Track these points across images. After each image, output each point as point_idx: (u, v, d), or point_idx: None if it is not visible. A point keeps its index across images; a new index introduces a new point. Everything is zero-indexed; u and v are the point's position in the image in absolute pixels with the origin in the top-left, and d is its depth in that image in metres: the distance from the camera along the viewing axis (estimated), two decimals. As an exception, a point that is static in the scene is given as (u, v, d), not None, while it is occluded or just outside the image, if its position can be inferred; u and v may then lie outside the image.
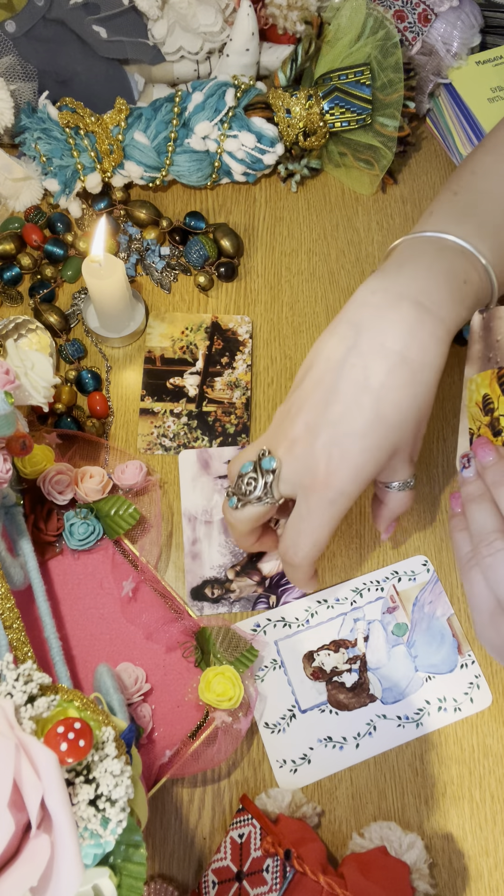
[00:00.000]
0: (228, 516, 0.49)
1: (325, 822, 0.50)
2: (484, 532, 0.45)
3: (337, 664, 0.53)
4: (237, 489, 0.47)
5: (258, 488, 0.45)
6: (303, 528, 0.45)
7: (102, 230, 0.56)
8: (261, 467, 0.46)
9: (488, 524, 0.45)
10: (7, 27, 0.66)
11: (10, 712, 0.32)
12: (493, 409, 0.48)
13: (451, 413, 0.62)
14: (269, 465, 0.45)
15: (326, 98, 0.65)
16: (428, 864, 0.47)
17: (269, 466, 0.45)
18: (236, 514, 0.47)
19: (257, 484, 0.46)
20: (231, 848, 0.47)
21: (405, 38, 0.68)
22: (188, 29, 0.66)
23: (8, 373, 0.46)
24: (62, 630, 0.53)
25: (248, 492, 0.46)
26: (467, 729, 0.52)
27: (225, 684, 0.49)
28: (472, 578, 0.45)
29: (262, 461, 0.45)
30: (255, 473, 0.46)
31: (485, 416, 0.48)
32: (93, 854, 0.31)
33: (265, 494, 0.46)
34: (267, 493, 0.46)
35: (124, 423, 0.61)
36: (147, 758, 0.49)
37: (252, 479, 0.46)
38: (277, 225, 0.69)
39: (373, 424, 0.43)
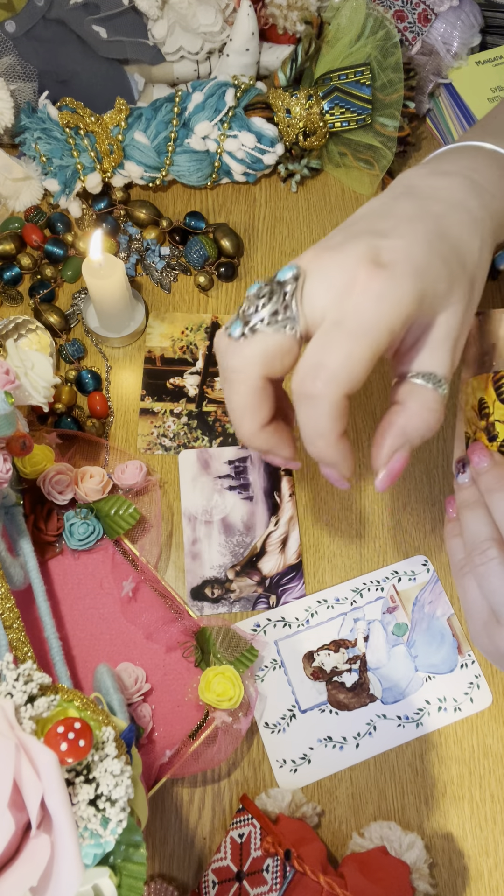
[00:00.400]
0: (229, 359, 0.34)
1: (325, 822, 0.50)
2: (477, 540, 0.44)
3: (337, 664, 0.53)
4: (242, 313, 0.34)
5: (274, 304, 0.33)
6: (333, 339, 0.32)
7: (98, 241, 0.56)
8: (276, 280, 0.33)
9: (482, 532, 0.44)
10: (7, 27, 0.66)
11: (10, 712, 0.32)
12: (488, 413, 0.48)
13: (451, 412, 0.62)
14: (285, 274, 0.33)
15: (326, 98, 0.65)
16: (428, 864, 0.47)
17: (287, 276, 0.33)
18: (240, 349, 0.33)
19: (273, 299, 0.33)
20: (231, 848, 0.47)
21: (405, 38, 0.68)
22: (188, 29, 0.66)
23: (8, 373, 0.46)
24: (62, 630, 0.53)
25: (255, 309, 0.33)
26: (467, 729, 0.52)
27: (225, 684, 0.49)
28: (465, 586, 0.45)
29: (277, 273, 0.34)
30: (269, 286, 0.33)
31: (480, 420, 0.48)
32: (93, 854, 0.31)
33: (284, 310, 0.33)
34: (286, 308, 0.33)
35: (124, 423, 0.61)
36: (147, 758, 0.49)
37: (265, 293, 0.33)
38: (277, 225, 0.69)
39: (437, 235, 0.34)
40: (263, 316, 0.33)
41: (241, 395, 0.34)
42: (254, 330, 0.33)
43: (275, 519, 0.58)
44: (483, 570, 0.43)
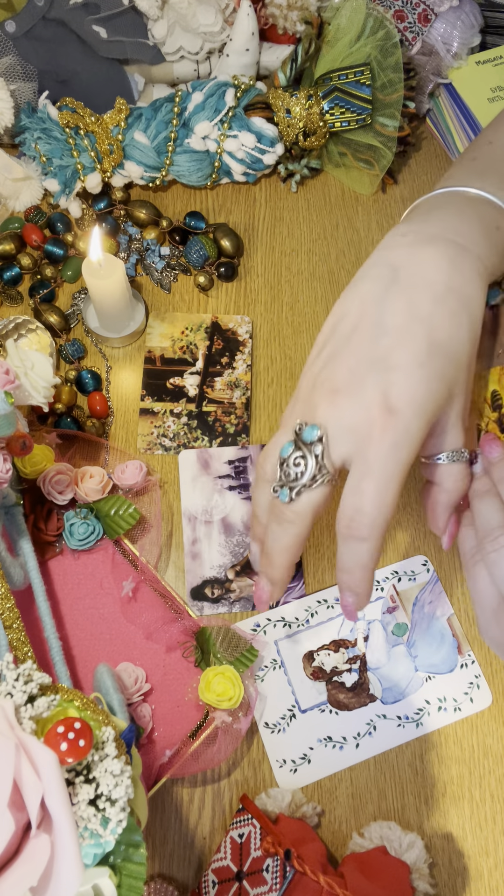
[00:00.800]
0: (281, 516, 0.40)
1: (325, 822, 0.50)
2: (489, 528, 0.45)
3: (337, 664, 0.53)
4: (285, 477, 0.39)
5: (310, 467, 0.38)
6: (365, 488, 0.37)
7: (97, 239, 0.56)
8: (303, 441, 0.38)
9: (494, 520, 0.45)
10: (7, 27, 0.66)
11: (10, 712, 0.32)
12: (501, 405, 0.48)
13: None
14: (311, 435, 0.38)
15: (326, 98, 0.65)
16: (428, 864, 0.47)
17: (313, 436, 0.38)
18: (293, 508, 0.39)
19: (307, 462, 0.38)
20: (231, 848, 0.47)
21: (405, 38, 0.68)
22: (188, 29, 0.66)
23: (8, 373, 0.46)
24: (62, 630, 0.53)
25: (298, 475, 0.38)
26: (467, 729, 0.52)
27: (225, 684, 0.49)
28: (475, 574, 0.45)
29: (302, 434, 0.38)
30: (301, 450, 0.38)
31: (493, 412, 0.48)
32: (93, 854, 0.31)
33: (320, 471, 0.38)
34: (322, 469, 0.38)
35: (124, 423, 0.61)
36: (147, 758, 0.49)
37: (299, 459, 0.38)
38: (277, 225, 0.69)
39: (429, 352, 0.38)
40: (305, 482, 0.38)
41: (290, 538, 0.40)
42: (299, 493, 0.39)
43: (275, 519, 0.58)
44: (495, 558, 0.44)
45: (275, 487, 0.40)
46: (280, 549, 0.41)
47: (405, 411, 0.37)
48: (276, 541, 0.41)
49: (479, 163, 0.49)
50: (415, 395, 0.37)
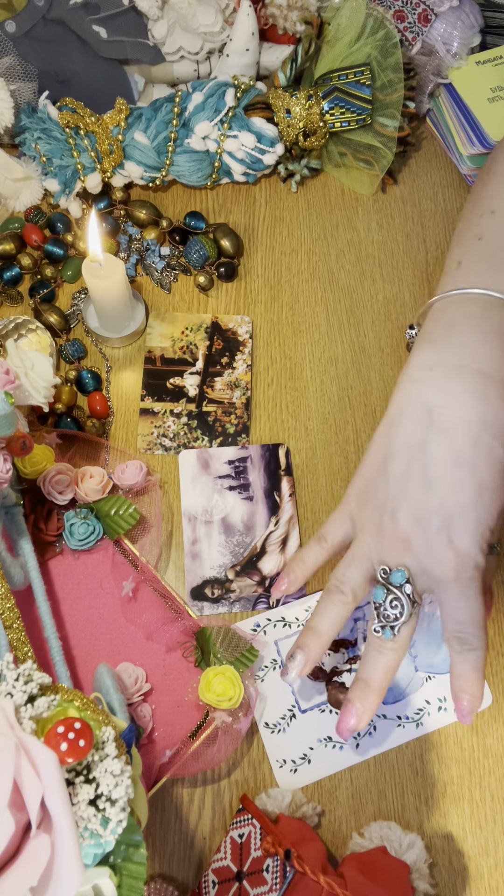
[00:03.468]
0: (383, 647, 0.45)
1: (325, 822, 0.50)
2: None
3: (337, 664, 0.53)
4: (385, 619, 0.44)
5: (405, 605, 0.43)
6: (462, 618, 0.43)
7: (95, 226, 0.56)
8: (393, 585, 0.44)
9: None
10: (7, 27, 0.66)
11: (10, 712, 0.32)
12: None
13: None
14: (400, 579, 0.43)
15: (326, 98, 0.65)
16: (428, 864, 0.47)
17: (402, 580, 0.43)
18: (398, 641, 0.44)
19: (402, 602, 0.43)
20: (231, 848, 0.47)
21: (405, 38, 0.68)
22: (188, 29, 0.66)
23: (8, 373, 0.46)
24: (62, 630, 0.53)
25: (398, 616, 0.44)
26: (467, 729, 0.52)
27: (225, 684, 0.49)
28: None
29: (391, 578, 0.44)
30: (394, 593, 0.44)
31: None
32: (93, 854, 0.31)
33: (413, 607, 0.44)
34: (414, 605, 0.44)
35: (124, 423, 0.61)
36: (147, 758, 0.49)
37: (395, 601, 0.44)
38: (277, 225, 0.69)
39: (478, 494, 0.42)
40: (403, 620, 0.44)
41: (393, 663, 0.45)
42: (399, 631, 0.44)
43: (275, 519, 0.58)
44: None
45: (376, 629, 0.45)
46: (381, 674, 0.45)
47: (470, 551, 0.42)
48: (376, 668, 0.45)
49: (486, 244, 0.49)
50: (474, 534, 0.42)
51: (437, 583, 0.43)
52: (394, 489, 0.44)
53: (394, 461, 0.45)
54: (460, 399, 0.43)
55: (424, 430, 0.44)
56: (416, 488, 0.43)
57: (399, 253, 0.68)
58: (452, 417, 0.43)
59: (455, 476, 0.43)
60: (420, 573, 0.43)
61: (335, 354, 0.64)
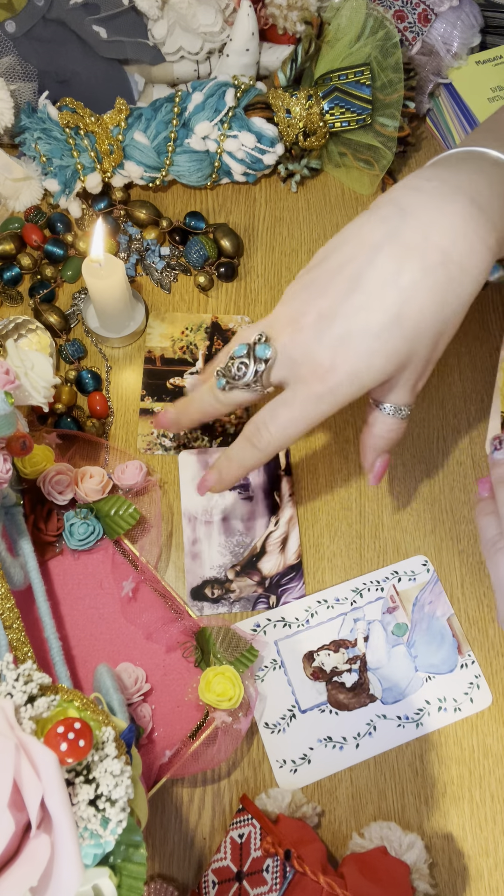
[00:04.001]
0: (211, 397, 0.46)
1: (325, 822, 0.50)
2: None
3: (337, 664, 0.53)
4: (227, 371, 0.44)
5: (248, 374, 0.43)
6: (279, 414, 0.43)
7: (101, 232, 0.56)
8: (254, 354, 0.43)
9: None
10: (7, 27, 0.66)
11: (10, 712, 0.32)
12: None
13: (451, 413, 0.62)
14: (262, 353, 0.43)
15: (326, 98, 0.65)
16: (428, 864, 0.47)
17: (263, 355, 0.43)
18: (221, 396, 0.45)
19: (247, 370, 0.43)
20: (231, 848, 0.47)
21: (405, 38, 0.68)
22: (188, 29, 0.66)
23: (8, 373, 0.46)
24: (62, 630, 0.53)
25: (237, 376, 0.44)
26: (467, 729, 0.52)
27: (225, 684, 0.49)
28: (497, 561, 0.45)
29: (256, 347, 0.43)
30: (248, 359, 0.43)
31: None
32: (93, 854, 0.31)
33: (254, 382, 0.43)
34: (257, 381, 0.43)
35: (124, 423, 0.61)
36: (147, 758, 0.49)
37: (243, 364, 0.43)
38: (277, 225, 0.69)
39: (389, 325, 0.40)
40: (239, 385, 0.44)
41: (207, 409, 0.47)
42: (233, 388, 0.45)
43: (275, 519, 0.58)
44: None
45: (217, 372, 0.45)
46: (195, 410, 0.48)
47: (341, 375, 0.41)
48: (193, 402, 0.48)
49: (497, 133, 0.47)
50: (356, 365, 0.40)
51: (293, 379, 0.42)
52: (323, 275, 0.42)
53: (342, 249, 0.42)
54: (441, 220, 0.40)
55: (385, 235, 0.40)
56: (340, 286, 0.41)
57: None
58: (419, 235, 0.40)
59: (380, 294, 0.40)
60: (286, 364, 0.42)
61: (335, 354, 0.64)
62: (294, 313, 0.42)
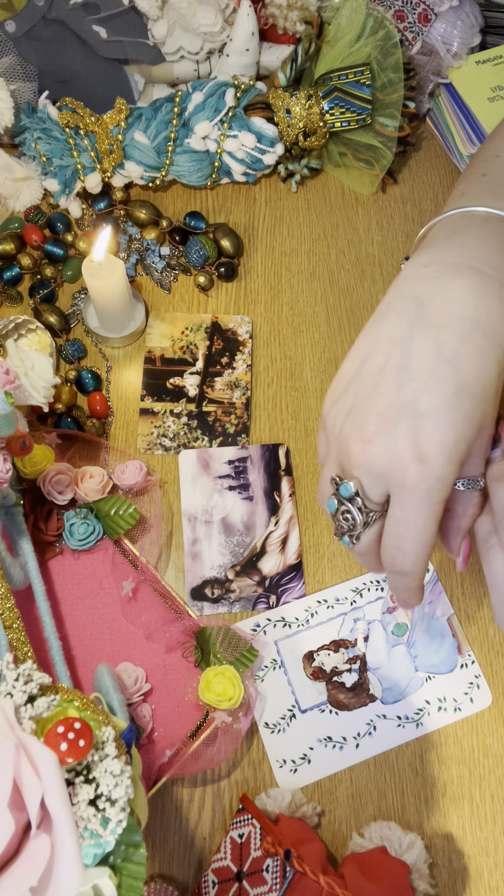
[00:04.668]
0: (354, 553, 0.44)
1: (325, 822, 0.50)
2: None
3: (337, 664, 0.53)
4: (340, 529, 0.42)
5: (357, 517, 0.41)
6: (405, 533, 0.40)
7: (106, 239, 0.56)
8: (343, 497, 0.41)
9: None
10: (7, 27, 0.66)
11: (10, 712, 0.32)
12: None
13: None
14: (347, 492, 0.40)
15: (326, 98, 0.65)
16: (428, 864, 0.47)
17: (348, 493, 0.40)
18: (358, 548, 0.43)
19: (353, 514, 0.41)
20: (231, 848, 0.47)
21: (405, 38, 0.68)
22: (188, 29, 0.66)
23: (8, 373, 0.46)
24: (62, 630, 0.53)
25: (351, 527, 0.41)
26: (467, 729, 0.52)
27: (225, 684, 0.49)
28: (491, 559, 0.45)
29: (340, 490, 0.41)
30: (344, 505, 0.41)
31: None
32: (93, 854, 0.31)
33: (367, 517, 0.41)
34: (368, 515, 0.41)
35: (124, 423, 0.61)
36: (147, 758, 0.49)
37: (346, 514, 0.41)
38: (277, 225, 0.69)
39: (458, 395, 0.38)
40: (358, 531, 0.41)
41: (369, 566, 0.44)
42: (358, 538, 0.42)
43: (275, 519, 0.58)
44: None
45: (337, 536, 0.43)
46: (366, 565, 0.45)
47: (436, 458, 0.38)
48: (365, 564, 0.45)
49: (490, 179, 0.48)
50: (445, 440, 0.38)
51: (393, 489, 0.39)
52: (365, 387, 0.40)
53: (371, 358, 0.40)
54: (454, 295, 0.39)
55: (410, 325, 0.39)
56: (389, 384, 0.39)
57: (399, 253, 0.68)
58: (443, 312, 0.39)
59: (435, 371, 0.38)
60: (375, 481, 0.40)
61: (335, 354, 0.64)
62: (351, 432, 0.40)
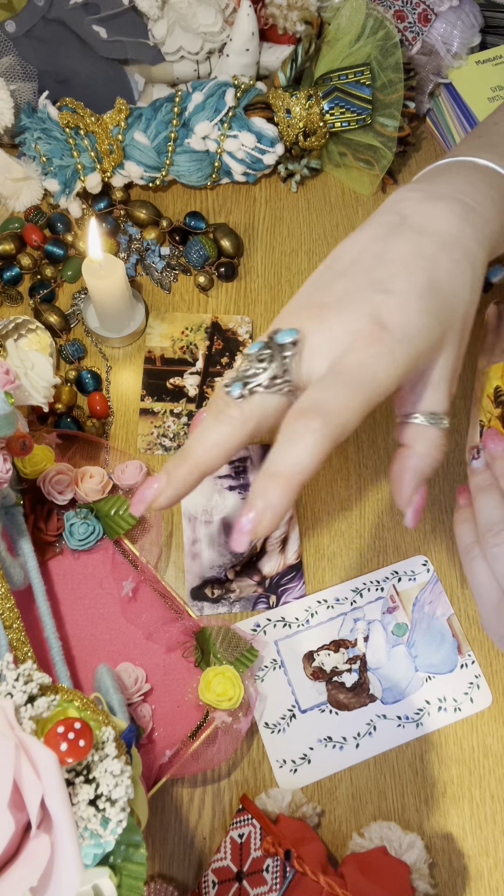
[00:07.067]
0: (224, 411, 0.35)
1: (325, 822, 0.50)
2: (491, 522, 0.45)
3: (337, 664, 0.53)
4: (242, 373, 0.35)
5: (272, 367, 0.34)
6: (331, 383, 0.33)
7: (95, 233, 0.56)
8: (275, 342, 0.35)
9: (495, 514, 0.45)
10: (7, 27, 0.66)
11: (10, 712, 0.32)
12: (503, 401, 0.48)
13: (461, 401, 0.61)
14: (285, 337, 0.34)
15: (326, 98, 0.65)
16: (428, 864, 0.47)
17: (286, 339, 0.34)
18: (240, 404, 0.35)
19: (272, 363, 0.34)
20: (231, 848, 0.47)
21: (405, 38, 0.68)
22: (188, 29, 0.66)
23: (8, 373, 0.46)
24: (62, 630, 0.53)
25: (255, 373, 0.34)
26: (467, 729, 0.52)
27: (225, 684, 0.49)
28: (475, 569, 0.45)
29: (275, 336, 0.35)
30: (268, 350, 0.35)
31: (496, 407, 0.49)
32: (93, 854, 0.31)
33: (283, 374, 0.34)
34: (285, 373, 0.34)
35: (124, 423, 0.61)
36: (147, 758, 0.49)
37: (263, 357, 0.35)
38: (277, 225, 0.69)
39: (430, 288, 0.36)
40: (262, 381, 0.34)
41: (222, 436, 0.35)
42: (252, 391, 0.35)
43: (275, 519, 0.58)
44: (497, 552, 0.44)
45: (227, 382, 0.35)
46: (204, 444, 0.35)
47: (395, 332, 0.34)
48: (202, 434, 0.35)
49: (485, 139, 0.48)
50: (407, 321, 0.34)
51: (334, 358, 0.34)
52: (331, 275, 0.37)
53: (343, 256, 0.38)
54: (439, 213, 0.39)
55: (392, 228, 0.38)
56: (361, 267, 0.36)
57: (399, 253, 0.68)
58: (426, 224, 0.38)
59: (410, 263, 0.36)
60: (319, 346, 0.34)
61: (335, 354, 0.64)
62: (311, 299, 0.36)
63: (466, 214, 0.39)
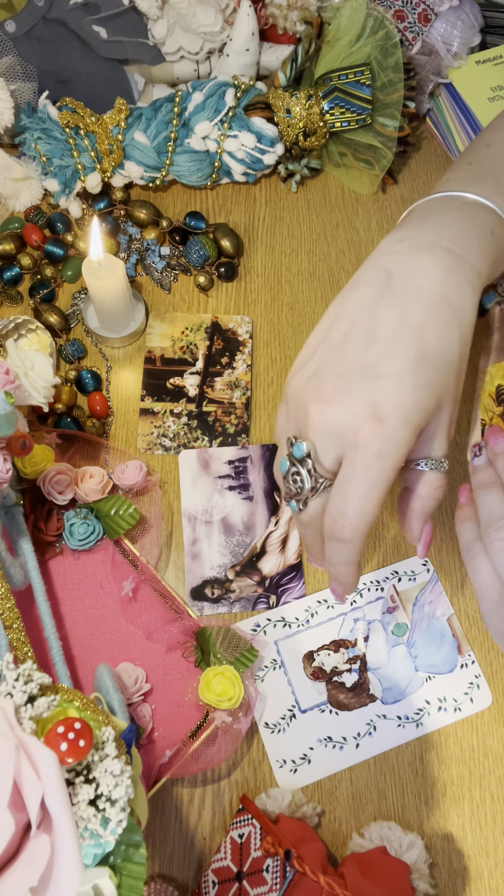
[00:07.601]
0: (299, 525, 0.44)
1: (325, 822, 0.50)
2: (493, 518, 0.45)
3: (337, 664, 0.53)
4: (288, 492, 0.42)
5: (306, 480, 0.40)
6: (349, 493, 0.38)
7: (97, 232, 0.56)
8: (295, 458, 0.40)
9: (497, 510, 0.45)
10: (7, 27, 0.66)
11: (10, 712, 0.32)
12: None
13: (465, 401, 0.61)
14: (299, 452, 0.40)
15: (326, 98, 0.65)
16: (428, 864, 0.47)
17: (301, 453, 0.40)
18: (304, 516, 0.42)
19: (302, 477, 0.40)
20: (231, 848, 0.47)
21: (405, 38, 0.68)
22: (188, 29, 0.66)
23: (8, 373, 0.46)
24: (62, 630, 0.53)
25: (298, 490, 0.41)
26: (467, 729, 0.52)
27: (225, 684, 0.49)
28: (476, 566, 0.45)
29: (293, 452, 0.41)
30: (295, 467, 0.41)
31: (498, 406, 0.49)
32: (93, 854, 0.31)
33: (316, 482, 0.40)
34: (318, 480, 0.40)
35: (124, 423, 0.61)
36: (147, 758, 0.49)
37: (295, 476, 0.41)
38: (277, 225, 0.69)
39: (420, 361, 0.38)
40: (307, 494, 0.41)
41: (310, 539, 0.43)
42: (305, 504, 0.41)
43: (275, 519, 0.58)
44: (499, 546, 0.44)
45: (286, 500, 0.43)
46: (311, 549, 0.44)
47: (392, 419, 0.38)
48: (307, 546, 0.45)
49: (476, 166, 0.49)
50: (403, 403, 0.38)
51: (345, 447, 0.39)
52: (329, 352, 0.40)
53: (337, 325, 0.41)
54: (424, 270, 0.40)
55: (379, 294, 0.40)
56: (353, 347, 0.39)
57: (399, 253, 0.68)
58: (411, 285, 0.40)
59: (399, 337, 0.38)
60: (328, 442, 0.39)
61: (335, 354, 0.64)
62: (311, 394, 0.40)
63: (452, 265, 0.41)
